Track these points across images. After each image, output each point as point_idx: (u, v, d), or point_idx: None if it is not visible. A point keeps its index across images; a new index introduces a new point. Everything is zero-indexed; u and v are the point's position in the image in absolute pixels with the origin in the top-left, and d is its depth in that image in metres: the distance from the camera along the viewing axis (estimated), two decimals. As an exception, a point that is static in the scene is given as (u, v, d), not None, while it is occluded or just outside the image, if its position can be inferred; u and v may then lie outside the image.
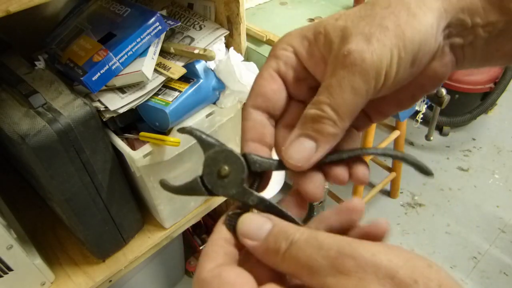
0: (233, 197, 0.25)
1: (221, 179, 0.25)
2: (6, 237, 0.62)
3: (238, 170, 0.25)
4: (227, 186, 0.25)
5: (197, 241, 1.30)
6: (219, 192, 0.25)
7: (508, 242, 1.46)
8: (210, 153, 0.25)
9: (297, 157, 0.25)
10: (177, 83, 0.69)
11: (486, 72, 1.70)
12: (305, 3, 1.09)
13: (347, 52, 0.23)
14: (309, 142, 0.24)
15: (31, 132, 0.54)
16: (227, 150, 0.25)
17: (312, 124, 0.24)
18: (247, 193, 0.25)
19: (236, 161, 0.25)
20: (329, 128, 0.24)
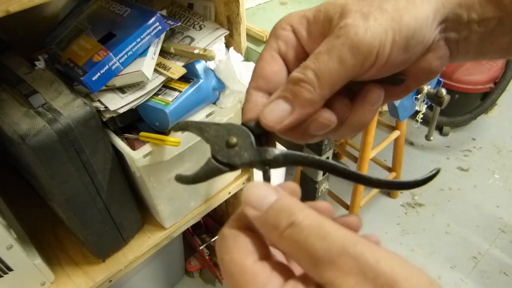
0: (251, 160, 0.25)
1: (232, 148, 0.25)
2: (6, 237, 0.62)
3: (244, 136, 0.25)
4: (241, 153, 0.25)
5: (197, 241, 1.30)
6: (236, 161, 0.25)
7: (508, 242, 1.46)
8: (211, 132, 0.26)
9: (270, 117, 0.25)
10: (177, 83, 0.69)
11: (486, 72, 1.70)
12: (305, 3, 1.09)
13: (343, 25, 0.23)
14: (284, 104, 0.25)
15: (31, 132, 0.54)
16: (226, 124, 0.26)
17: (291, 86, 0.24)
18: (262, 151, 0.25)
19: (239, 130, 0.26)
20: (306, 92, 0.24)
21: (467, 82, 1.71)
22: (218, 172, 0.25)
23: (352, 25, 0.23)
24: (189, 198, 0.87)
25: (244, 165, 0.25)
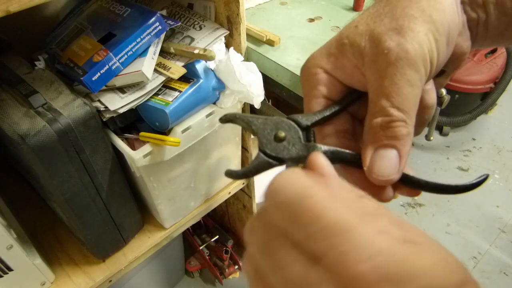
0: (299, 155, 0.25)
1: (281, 143, 0.25)
2: (6, 237, 0.62)
3: (292, 130, 0.25)
4: (289, 147, 0.25)
5: (197, 241, 1.30)
6: (285, 155, 0.25)
7: (508, 242, 1.46)
8: (258, 125, 0.25)
9: (386, 172, 0.23)
10: (177, 83, 0.69)
11: (486, 72, 1.70)
12: (305, 3, 1.09)
13: (387, 50, 0.22)
14: (391, 152, 0.23)
15: (31, 132, 0.54)
16: (274, 118, 0.26)
17: (384, 132, 0.23)
18: (311, 147, 0.25)
19: (287, 124, 0.25)
20: (403, 129, 0.23)
21: (467, 82, 1.70)
22: (267, 166, 0.25)
23: (397, 45, 0.22)
24: (189, 198, 0.87)
25: (292, 159, 0.25)
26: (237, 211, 1.23)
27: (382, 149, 0.23)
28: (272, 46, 0.90)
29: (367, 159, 0.24)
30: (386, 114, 0.23)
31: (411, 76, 0.22)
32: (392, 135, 0.23)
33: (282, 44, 0.91)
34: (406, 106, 0.23)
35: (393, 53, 0.22)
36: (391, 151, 0.23)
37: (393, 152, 0.23)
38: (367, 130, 0.24)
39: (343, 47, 0.25)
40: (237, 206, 1.21)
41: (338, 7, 1.07)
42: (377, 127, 0.23)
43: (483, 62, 1.71)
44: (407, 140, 0.23)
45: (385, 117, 0.23)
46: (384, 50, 0.23)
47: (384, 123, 0.23)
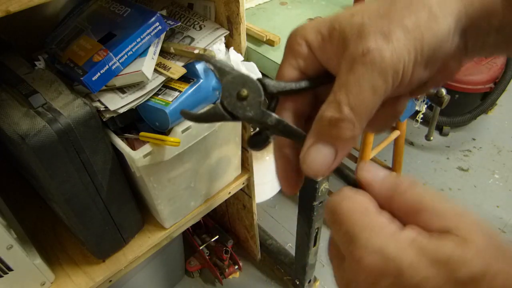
0: (252, 119, 0.25)
1: (240, 101, 0.25)
2: (6, 237, 0.62)
3: (256, 93, 0.26)
4: (246, 108, 0.25)
5: (197, 241, 1.30)
6: (239, 113, 0.25)
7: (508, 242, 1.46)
8: (228, 77, 0.26)
9: (316, 166, 0.24)
10: (177, 83, 0.69)
11: (486, 72, 1.70)
12: (305, 3, 1.09)
13: (366, 50, 0.22)
14: (328, 149, 0.24)
15: (31, 132, 0.54)
16: (245, 75, 0.26)
17: (329, 128, 0.23)
18: (266, 115, 0.25)
19: (253, 85, 0.26)
20: (347, 132, 0.23)
21: (467, 82, 1.71)
22: (220, 118, 0.26)
23: (377, 49, 0.22)
24: (189, 198, 0.87)
25: (245, 120, 0.26)
26: (237, 211, 1.23)
27: (321, 144, 0.24)
28: (272, 46, 0.90)
29: (304, 147, 0.24)
30: (338, 109, 0.23)
31: (376, 83, 0.22)
32: (335, 134, 0.23)
33: (282, 44, 0.91)
34: (360, 109, 0.23)
35: (370, 55, 0.22)
36: (329, 148, 0.24)
37: (330, 150, 0.24)
38: (317, 119, 0.24)
39: (333, 32, 0.25)
40: (237, 206, 1.21)
41: (338, 7, 1.07)
42: (326, 121, 0.23)
43: (483, 62, 1.71)
44: (349, 143, 0.24)
45: (336, 112, 0.23)
46: (364, 49, 0.22)
47: (333, 119, 0.23)
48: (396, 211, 0.22)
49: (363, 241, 0.20)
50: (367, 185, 0.24)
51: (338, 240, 0.22)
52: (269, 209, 1.57)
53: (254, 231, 1.23)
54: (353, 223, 0.21)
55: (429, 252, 0.19)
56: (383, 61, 0.22)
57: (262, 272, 1.36)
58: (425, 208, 0.21)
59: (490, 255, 0.19)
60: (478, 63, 1.71)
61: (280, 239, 1.39)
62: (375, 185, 0.23)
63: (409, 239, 0.20)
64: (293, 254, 1.21)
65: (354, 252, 0.20)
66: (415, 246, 0.19)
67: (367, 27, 0.23)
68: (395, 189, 0.22)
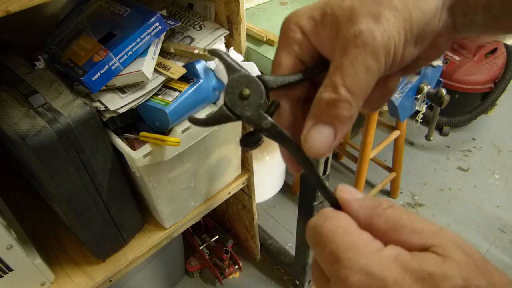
0: (248, 118, 0.26)
1: (241, 100, 0.26)
2: (6, 237, 0.62)
3: (257, 94, 0.26)
4: (245, 107, 0.26)
5: (197, 241, 1.30)
6: (237, 111, 0.26)
7: (508, 242, 1.46)
8: (235, 75, 0.27)
9: (318, 146, 0.25)
10: (177, 83, 0.69)
11: (486, 72, 1.70)
12: (305, 3, 1.08)
13: (358, 32, 0.23)
14: (328, 129, 0.25)
15: (31, 132, 0.54)
16: (250, 76, 0.27)
17: (327, 109, 0.24)
18: (262, 117, 0.26)
19: (256, 86, 0.26)
20: (345, 111, 0.24)
21: (467, 82, 1.71)
22: (227, 119, 0.27)
23: (368, 30, 0.23)
24: (189, 198, 0.87)
25: (242, 119, 0.26)
26: (237, 211, 1.23)
27: (320, 125, 0.25)
28: (272, 46, 0.90)
29: (305, 129, 0.25)
30: (335, 91, 0.24)
31: (369, 63, 0.23)
32: (334, 114, 0.24)
33: (282, 44, 0.91)
34: (356, 90, 0.23)
35: (362, 36, 0.23)
36: (329, 128, 0.25)
37: (329, 130, 0.25)
38: (316, 102, 0.25)
39: (325, 16, 0.25)
40: (237, 206, 1.21)
41: (338, 7, 1.07)
42: (324, 103, 0.24)
43: (483, 62, 1.71)
44: (347, 122, 0.24)
45: (333, 93, 0.24)
46: (355, 31, 0.23)
47: (331, 100, 0.24)
48: (375, 231, 0.22)
49: (347, 261, 0.20)
50: (346, 205, 0.24)
51: (321, 261, 0.22)
52: (269, 209, 1.57)
53: (254, 231, 1.23)
54: (337, 243, 0.21)
55: (412, 268, 0.19)
56: (375, 41, 0.23)
57: (262, 272, 1.36)
58: (404, 227, 0.21)
59: (469, 270, 0.19)
60: (478, 63, 1.71)
61: (280, 239, 1.39)
62: (354, 205, 0.24)
63: (392, 256, 0.20)
64: (293, 254, 1.21)
65: (339, 271, 0.21)
66: (398, 263, 0.20)
67: (357, 10, 0.24)
68: (374, 209, 0.23)
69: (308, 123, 0.25)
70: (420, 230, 0.21)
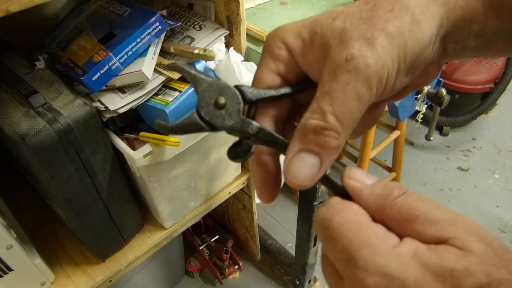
0: (232, 127, 0.24)
1: (218, 109, 0.24)
2: (6, 237, 0.62)
3: (234, 100, 0.24)
4: (225, 117, 0.24)
5: (197, 241, 1.30)
6: (218, 123, 0.24)
7: (508, 242, 1.46)
8: (204, 86, 0.25)
9: (301, 177, 0.23)
10: (177, 83, 0.69)
11: (486, 72, 1.70)
12: (305, 3, 1.09)
13: (350, 57, 0.22)
14: (313, 158, 0.23)
15: (31, 132, 0.54)
16: (220, 82, 0.25)
17: (314, 137, 0.22)
18: (246, 123, 0.24)
19: (231, 92, 0.25)
20: (332, 141, 0.22)
21: (467, 82, 1.71)
22: (198, 129, 0.24)
23: (361, 56, 0.21)
24: (189, 198, 0.87)
25: (225, 129, 0.24)
26: (237, 211, 1.23)
27: (305, 153, 0.23)
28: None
29: (288, 157, 0.23)
30: (323, 118, 0.22)
31: (361, 91, 0.22)
32: (320, 143, 0.22)
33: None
34: (346, 119, 0.22)
35: (354, 61, 0.21)
36: (314, 158, 0.23)
37: (315, 159, 0.23)
38: (301, 127, 0.23)
39: (314, 36, 0.24)
40: (237, 206, 1.21)
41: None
42: (310, 129, 0.22)
43: (483, 62, 1.71)
44: (334, 152, 0.23)
45: (321, 121, 0.22)
46: (347, 56, 0.22)
47: (318, 127, 0.22)
48: (388, 222, 0.21)
49: (363, 261, 0.19)
50: (356, 195, 0.23)
51: (334, 259, 0.21)
52: (269, 209, 1.57)
53: (254, 231, 1.23)
54: (350, 240, 0.20)
55: (431, 266, 0.18)
56: (368, 68, 0.21)
57: (262, 272, 1.36)
58: (419, 217, 0.20)
59: (491, 263, 0.18)
60: (478, 63, 1.71)
61: (280, 239, 1.39)
62: (364, 194, 0.22)
63: (410, 253, 0.19)
64: (293, 254, 1.21)
65: (355, 273, 0.19)
66: (417, 260, 0.19)
67: (350, 32, 0.22)
68: (386, 197, 0.21)
69: (291, 150, 0.23)
70: (435, 220, 0.20)
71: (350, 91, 0.22)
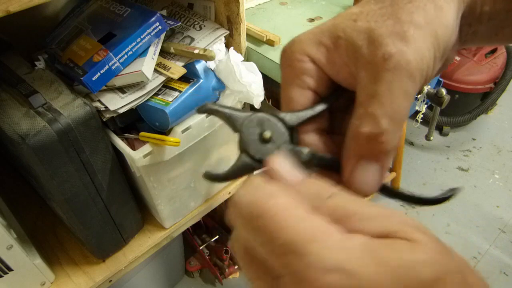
0: None
1: (265, 144, 0.23)
2: (6, 237, 0.62)
3: (278, 131, 0.23)
4: (274, 150, 0.23)
5: (197, 241, 1.30)
6: None
7: (508, 242, 1.46)
8: (242, 122, 0.23)
9: (368, 187, 0.22)
10: (177, 83, 0.69)
11: (486, 72, 1.70)
12: (305, 3, 1.09)
13: (388, 56, 0.21)
14: (374, 166, 0.22)
15: (31, 132, 0.54)
16: (259, 115, 0.24)
17: (369, 145, 0.22)
18: (296, 151, 0.23)
19: (273, 123, 0.23)
20: (389, 144, 0.21)
21: (467, 82, 1.71)
22: (250, 169, 0.23)
23: (399, 53, 0.21)
24: (189, 198, 0.87)
25: None
26: (237, 211, 1.23)
27: (365, 162, 0.22)
28: (272, 46, 0.90)
29: (347, 169, 0.23)
30: (376, 123, 0.21)
31: (407, 88, 0.21)
32: (378, 150, 0.22)
33: (282, 44, 0.91)
34: (397, 118, 0.21)
35: (393, 60, 0.21)
36: (375, 165, 0.22)
37: (376, 166, 0.22)
38: (352, 137, 0.22)
39: (338, 40, 0.23)
40: (237, 206, 1.21)
41: (338, 7, 1.07)
42: (364, 138, 0.22)
43: (483, 62, 1.71)
44: (392, 153, 0.22)
45: (374, 127, 0.21)
46: (384, 54, 0.21)
47: (373, 135, 0.21)
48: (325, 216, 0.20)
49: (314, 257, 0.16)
50: None
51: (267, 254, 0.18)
52: (269, 209, 1.57)
53: (254, 231, 1.23)
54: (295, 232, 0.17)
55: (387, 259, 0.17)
56: (409, 64, 0.21)
57: (262, 272, 1.36)
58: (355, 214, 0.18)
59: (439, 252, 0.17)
60: (478, 63, 1.71)
61: (280, 239, 1.39)
62: None
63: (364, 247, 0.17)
64: (293, 254, 1.21)
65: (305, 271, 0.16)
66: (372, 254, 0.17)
67: (377, 31, 0.22)
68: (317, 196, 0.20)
69: (349, 163, 0.23)
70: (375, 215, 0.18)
71: (397, 90, 0.21)
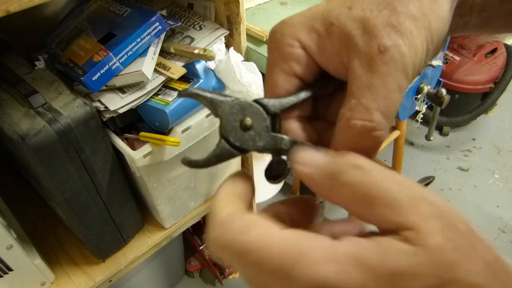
0: (264, 147, 0.23)
1: (246, 131, 0.23)
2: (6, 237, 0.62)
3: (259, 118, 0.23)
4: (255, 138, 0.23)
5: (197, 241, 1.30)
6: (250, 146, 0.23)
7: (508, 242, 1.46)
8: (224, 108, 0.23)
9: None
10: (177, 83, 0.69)
11: (486, 72, 1.70)
12: (305, 3, 1.09)
13: (383, 48, 0.21)
14: None
15: (31, 132, 0.54)
16: (242, 101, 0.23)
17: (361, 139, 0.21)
18: (277, 139, 0.23)
19: (254, 109, 0.23)
20: (381, 138, 0.21)
21: (467, 82, 1.71)
22: (230, 156, 0.23)
23: (394, 46, 0.21)
24: (189, 198, 0.87)
25: (257, 151, 0.24)
26: (237, 211, 1.23)
27: None
28: (272, 46, 0.90)
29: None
30: (368, 117, 0.21)
31: (401, 81, 0.21)
32: (369, 143, 0.22)
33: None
34: (391, 112, 0.21)
35: (389, 52, 0.21)
36: None
37: None
38: (343, 128, 0.22)
39: (330, 27, 0.22)
40: (237, 206, 1.21)
41: (338, 7, 1.07)
42: (356, 131, 0.21)
43: (483, 62, 1.71)
44: (379, 146, 0.22)
45: (366, 121, 0.21)
46: (380, 46, 0.21)
47: (366, 128, 0.21)
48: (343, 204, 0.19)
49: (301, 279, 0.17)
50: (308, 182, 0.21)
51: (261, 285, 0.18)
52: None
53: (254, 231, 1.23)
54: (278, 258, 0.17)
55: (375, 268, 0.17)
56: (404, 58, 0.21)
57: (262, 272, 1.36)
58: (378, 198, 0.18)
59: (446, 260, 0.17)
60: (478, 63, 1.71)
61: (280, 239, 1.39)
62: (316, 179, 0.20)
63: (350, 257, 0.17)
64: (293, 254, 1.21)
65: None
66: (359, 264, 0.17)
67: (373, 21, 0.21)
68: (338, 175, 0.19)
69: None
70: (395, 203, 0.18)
71: (391, 83, 0.21)
